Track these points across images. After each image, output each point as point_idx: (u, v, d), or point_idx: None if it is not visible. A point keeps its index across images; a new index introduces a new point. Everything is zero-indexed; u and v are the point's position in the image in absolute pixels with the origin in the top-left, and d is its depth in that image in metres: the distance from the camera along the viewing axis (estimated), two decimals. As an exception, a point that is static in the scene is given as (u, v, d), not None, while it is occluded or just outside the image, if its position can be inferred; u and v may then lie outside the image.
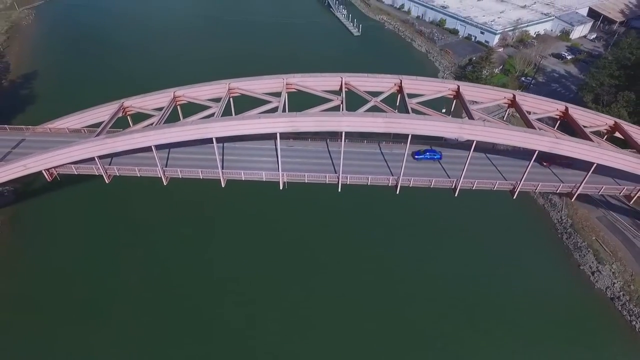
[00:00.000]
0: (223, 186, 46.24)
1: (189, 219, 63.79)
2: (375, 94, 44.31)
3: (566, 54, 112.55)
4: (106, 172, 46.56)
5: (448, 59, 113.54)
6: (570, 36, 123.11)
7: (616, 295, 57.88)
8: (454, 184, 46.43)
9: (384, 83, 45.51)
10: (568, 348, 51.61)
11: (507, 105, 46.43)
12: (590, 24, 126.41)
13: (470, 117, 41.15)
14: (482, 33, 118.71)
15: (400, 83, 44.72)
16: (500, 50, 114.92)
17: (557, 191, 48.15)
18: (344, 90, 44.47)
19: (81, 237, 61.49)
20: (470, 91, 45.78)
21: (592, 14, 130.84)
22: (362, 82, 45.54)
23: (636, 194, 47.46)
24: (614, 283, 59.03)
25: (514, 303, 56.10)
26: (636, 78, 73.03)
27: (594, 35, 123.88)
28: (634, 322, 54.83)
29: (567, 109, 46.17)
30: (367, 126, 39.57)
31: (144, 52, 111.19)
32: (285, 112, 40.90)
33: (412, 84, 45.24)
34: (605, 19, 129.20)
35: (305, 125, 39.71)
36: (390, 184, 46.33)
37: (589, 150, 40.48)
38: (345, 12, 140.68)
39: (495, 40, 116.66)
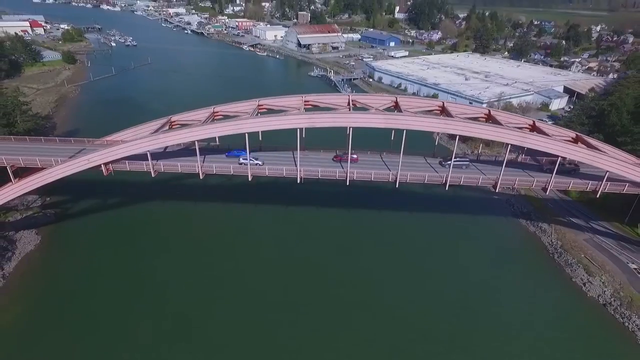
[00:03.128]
0: (250, 180, 54.83)
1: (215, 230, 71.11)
2: (376, 108, 55.28)
3: (547, 120, 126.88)
4: (153, 168, 55.74)
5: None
6: (550, 107, 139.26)
7: (608, 302, 61.55)
8: (444, 179, 54.72)
9: (384, 100, 56.75)
10: (568, 349, 54.40)
11: (484, 119, 56.80)
12: (567, 98, 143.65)
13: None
14: (470, 103, 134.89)
15: (396, 99, 55.90)
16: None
17: (533, 186, 55.97)
18: (351, 105, 55.52)
19: (109, 256, 65.41)
20: (453, 107, 56.64)
21: (567, 90, 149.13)
22: (366, 99, 56.89)
23: (600, 188, 55.06)
24: (605, 291, 63.03)
25: (513, 311, 59.35)
26: (601, 124, 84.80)
27: (571, 107, 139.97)
28: (626, 324, 57.88)
29: (534, 122, 56.44)
30: (370, 122, 49.63)
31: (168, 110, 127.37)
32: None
33: (405, 101, 56.39)
34: (578, 95, 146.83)
35: (321, 121, 49.89)
36: (390, 179, 54.74)
37: (550, 143, 49.64)
38: (349, 90, 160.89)
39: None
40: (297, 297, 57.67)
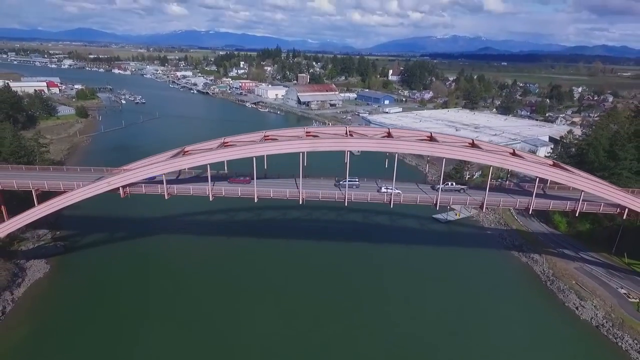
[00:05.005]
0: (255, 201, 59.40)
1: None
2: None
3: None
4: (167, 191, 60.44)
5: (435, 168, 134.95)
6: (536, 154, 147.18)
7: (600, 323, 63.40)
8: (434, 200, 59.39)
9: (378, 131, 63.13)
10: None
11: (469, 146, 62.71)
12: (552, 146, 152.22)
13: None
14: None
15: (389, 130, 62.31)
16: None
17: (517, 206, 60.47)
18: (348, 133, 61.79)
19: (115, 285, 67.61)
20: (440, 137, 62.88)
21: (553, 140, 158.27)
22: (362, 131, 63.27)
23: (578, 208, 59.53)
24: (597, 314, 65.07)
25: (510, 336, 61.18)
26: (581, 162, 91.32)
27: (555, 154, 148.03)
28: (619, 343, 59.49)
29: (514, 151, 62.39)
30: (365, 146, 55.49)
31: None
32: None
33: (397, 132, 62.81)
34: (563, 144, 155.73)
35: (322, 145, 55.70)
36: (385, 201, 59.36)
37: (529, 165, 55.13)
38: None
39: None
40: (293, 328, 59.29)
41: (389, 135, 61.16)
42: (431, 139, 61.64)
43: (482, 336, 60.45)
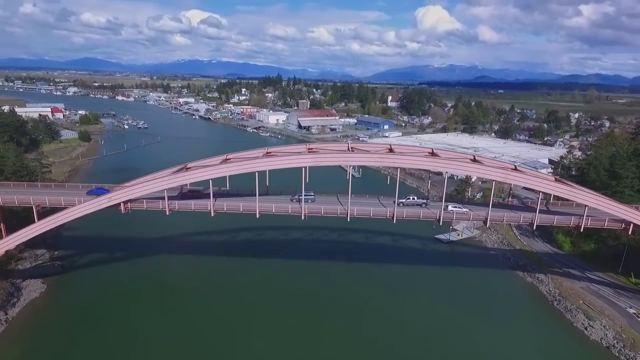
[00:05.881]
0: (257, 217, 58.94)
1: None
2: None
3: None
4: (168, 207, 60.07)
5: (436, 190, 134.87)
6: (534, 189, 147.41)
7: (611, 344, 61.62)
8: (438, 216, 58.95)
9: (380, 147, 63.46)
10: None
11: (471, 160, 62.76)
12: (552, 167, 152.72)
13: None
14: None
15: (390, 146, 62.63)
16: (479, 183, 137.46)
17: (520, 221, 59.95)
18: (350, 149, 62.09)
19: (111, 307, 65.93)
20: (441, 153, 63.14)
21: (552, 162, 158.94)
22: (364, 147, 63.56)
23: (583, 224, 58.96)
24: (607, 334, 63.36)
25: (518, 357, 59.64)
26: (582, 182, 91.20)
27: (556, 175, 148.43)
28: (631, 364, 57.58)
29: (515, 167, 62.48)
30: (367, 161, 55.65)
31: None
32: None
33: (399, 148, 63.11)
34: (563, 165, 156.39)
35: (324, 160, 55.85)
36: (388, 216, 58.92)
37: (532, 179, 55.04)
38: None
39: (474, 177, 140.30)
40: (293, 350, 57.80)
41: (391, 150, 61.48)
42: (433, 154, 61.93)
43: (490, 358, 58.61)
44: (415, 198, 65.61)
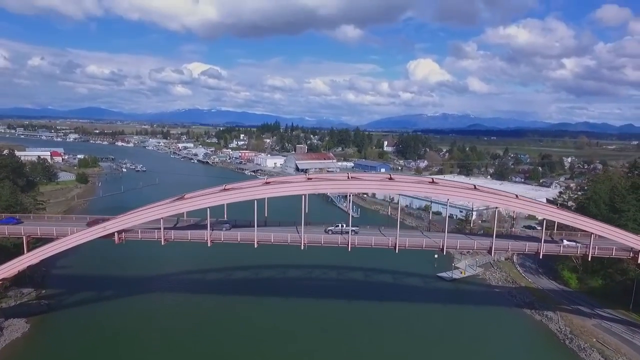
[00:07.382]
0: (255, 246, 57.14)
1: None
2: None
3: (536, 226, 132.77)
4: (164, 237, 58.30)
5: (434, 228, 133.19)
6: (536, 216, 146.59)
7: (630, 384, 57.85)
8: (441, 245, 57.38)
9: (380, 175, 63.12)
10: None
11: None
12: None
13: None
14: (461, 212, 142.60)
15: (390, 175, 62.31)
16: (480, 222, 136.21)
17: (526, 251, 58.22)
18: (349, 177, 61.62)
19: (95, 348, 62.81)
20: (442, 182, 62.75)
21: (550, 202, 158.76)
22: (363, 175, 63.19)
23: (589, 252, 57.37)
24: (625, 373, 59.67)
25: None
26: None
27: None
28: (654, 404, 53.73)
29: (517, 196, 61.88)
30: (367, 187, 55.01)
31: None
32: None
33: (399, 177, 62.82)
34: (562, 202, 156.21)
35: (323, 187, 55.22)
36: (390, 245, 57.29)
37: (535, 206, 54.30)
38: (345, 203, 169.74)
39: (473, 216, 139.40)
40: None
41: (391, 179, 61.09)
42: (433, 182, 61.54)
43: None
44: (345, 226, 62.95)
